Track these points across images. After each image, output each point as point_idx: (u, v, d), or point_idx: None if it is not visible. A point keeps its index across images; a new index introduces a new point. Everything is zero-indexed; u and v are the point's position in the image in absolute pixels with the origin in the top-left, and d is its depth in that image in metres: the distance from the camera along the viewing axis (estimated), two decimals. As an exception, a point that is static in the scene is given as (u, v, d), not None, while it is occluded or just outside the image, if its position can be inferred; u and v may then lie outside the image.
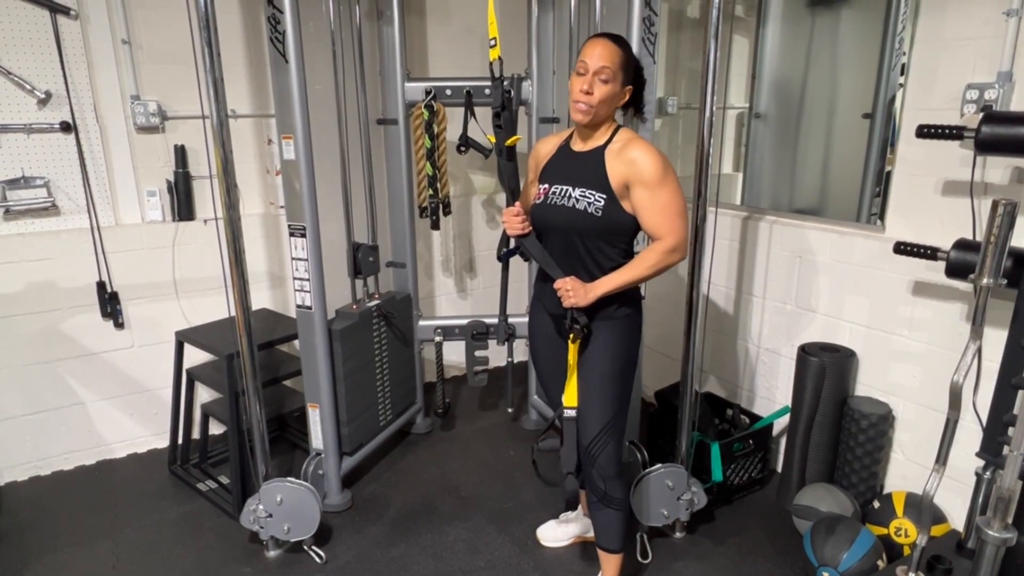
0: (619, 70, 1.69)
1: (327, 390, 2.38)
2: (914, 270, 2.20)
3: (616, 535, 1.93)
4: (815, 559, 2.05)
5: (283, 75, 2.09)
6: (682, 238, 1.70)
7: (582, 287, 1.70)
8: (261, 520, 2.17)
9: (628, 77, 1.72)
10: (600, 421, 1.81)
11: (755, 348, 2.79)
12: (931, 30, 2.10)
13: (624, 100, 1.75)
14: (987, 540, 1.63)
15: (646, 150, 1.68)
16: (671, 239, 1.68)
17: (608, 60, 1.67)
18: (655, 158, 1.67)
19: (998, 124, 1.73)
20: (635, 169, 1.66)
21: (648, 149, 1.69)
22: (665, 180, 1.67)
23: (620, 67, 1.69)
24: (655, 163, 1.66)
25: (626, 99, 1.75)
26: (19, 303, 2.58)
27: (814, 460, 2.42)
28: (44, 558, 2.27)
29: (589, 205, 1.71)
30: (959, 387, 1.68)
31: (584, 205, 1.71)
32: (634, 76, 1.75)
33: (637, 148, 1.69)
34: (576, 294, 1.69)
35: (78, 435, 2.80)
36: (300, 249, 2.24)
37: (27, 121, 2.50)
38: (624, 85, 1.72)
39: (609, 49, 1.68)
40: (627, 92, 1.74)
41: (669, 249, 1.69)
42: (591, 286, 1.71)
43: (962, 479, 2.11)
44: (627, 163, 1.68)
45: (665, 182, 1.67)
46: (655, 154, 1.68)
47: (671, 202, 1.68)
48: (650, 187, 1.66)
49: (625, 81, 1.72)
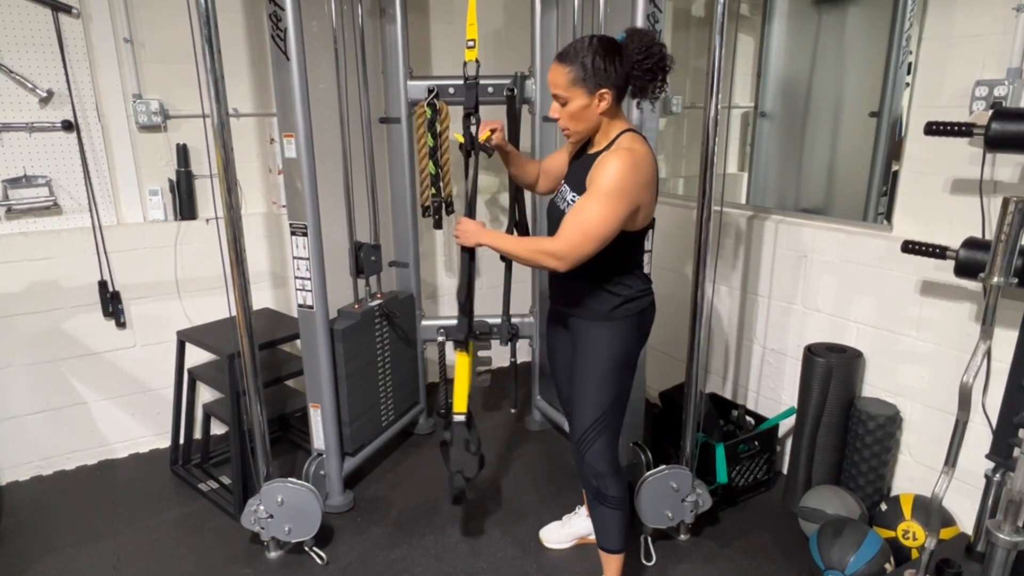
0: (571, 86, 1.63)
1: (329, 390, 2.37)
2: (922, 269, 2.18)
3: (613, 535, 1.90)
4: (822, 562, 2.02)
5: (284, 73, 2.08)
6: (569, 251, 1.61)
7: (474, 229, 1.82)
8: (262, 521, 2.16)
9: (592, 84, 1.61)
10: (587, 419, 1.80)
11: (760, 348, 2.76)
12: (939, 27, 2.08)
13: (604, 105, 1.64)
14: (997, 543, 1.61)
15: (610, 164, 1.59)
16: (560, 245, 1.63)
17: (555, 84, 1.65)
18: (610, 175, 1.58)
19: (1008, 121, 1.71)
20: (593, 174, 1.63)
21: (614, 164, 1.59)
22: (606, 196, 1.58)
23: (571, 83, 1.62)
24: (608, 177, 1.58)
25: (606, 102, 1.64)
26: (21, 302, 2.57)
27: (820, 462, 2.40)
28: (45, 558, 2.26)
29: (568, 205, 1.72)
30: (969, 388, 1.65)
31: (565, 204, 1.74)
32: (613, 73, 1.62)
33: (608, 158, 1.61)
34: (465, 234, 1.82)
35: (80, 435, 2.79)
36: (302, 248, 2.22)
37: (29, 120, 2.49)
38: (592, 93, 1.63)
39: (555, 73, 1.64)
40: (603, 95, 1.63)
41: (551, 251, 1.64)
42: (480, 232, 1.81)
43: (971, 481, 2.08)
44: (597, 166, 1.63)
45: (604, 198, 1.59)
46: (615, 171, 1.58)
47: (589, 219, 1.60)
48: (591, 194, 1.62)
49: (591, 89, 1.62)
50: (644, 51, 1.62)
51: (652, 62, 1.63)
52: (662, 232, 3.00)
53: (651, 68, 1.63)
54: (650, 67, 1.63)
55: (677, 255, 3.01)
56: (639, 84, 1.65)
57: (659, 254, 2.50)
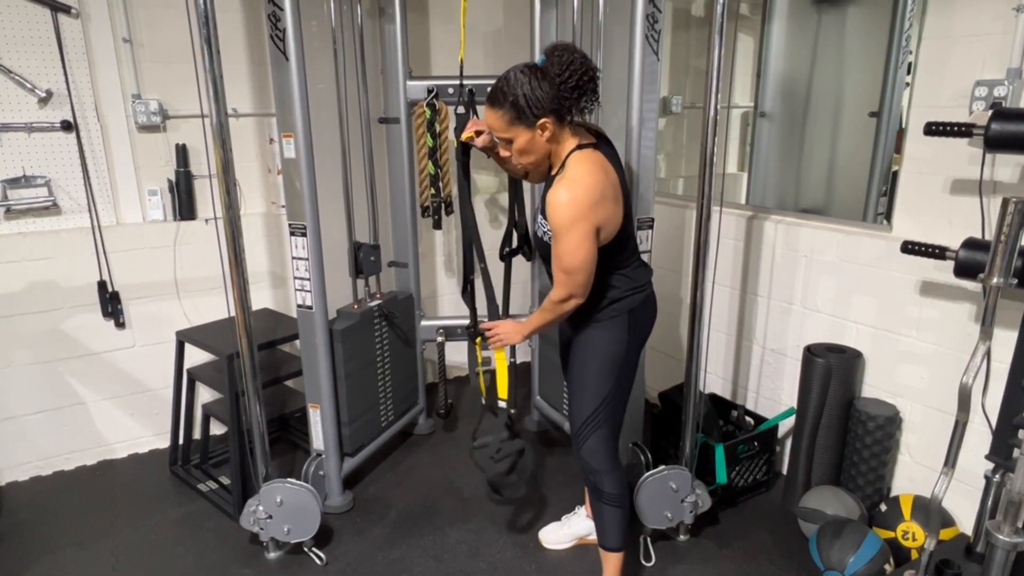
0: (510, 126, 1.61)
1: (328, 390, 2.36)
2: (922, 270, 2.17)
3: (611, 532, 1.91)
4: (821, 563, 2.02)
5: (283, 73, 2.07)
6: (571, 292, 1.66)
7: (514, 329, 1.86)
8: (261, 521, 2.16)
9: (530, 117, 1.58)
10: (581, 416, 1.83)
11: (760, 349, 2.76)
12: (939, 26, 2.07)
13: (548, 133, 1.61)
14: (997, 544, 1.60)
15: (557, 196, 1.59)
16: (560, 291, 1.68)
17: (494, 126, 1.64)
18: (560, 206, 1.58)
19: (1008, 121, 1.70)
20: (548, 212, 1.62)
21: (560, 194, 1.58)
22: (566, 231, 1.59)
23: (509, 124, 1.61)
24: (557, 212, 1.59)
25: (548, 131, 1.61)
26: (20, 302, 2.57)
27: (820, 462, 2.39)
28: (44, 559, 2.26)
29: (544, 234, 1.73)
30: (968, 389, 1.65)
31: (542, 232, 1.75)
32: (546, 99, 1.57)
33: (554, 190, 1.60)
34: (508, 336, 1.86)
35: (79, 435, 2.79)
36: (301, 248, 2.22)
37: (28, 120, 2.49)
38: (531, 127, 1.60)
39: (490, 117, 1.63)
40: (544, 125, 1.60)
41: (558, 299, 1.69)
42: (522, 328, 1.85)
43: (971, 482, 2.08)
44: (547, 202, 1.63)
45: (563, 234, 1.59)
46: (563, 202, 1.58)
47: (565, 255, 1.61)
48: (554, 235, 1.63)
49: (528, 124, 1.60)
50: (565, 69, 1.57)
51: (575, 79, 1.57)
52: (661, 232, 3.00)
53: (575, 85, 1.58)
54: (574, 84, 1.58)
55: (676, 255, 3.01)
56: (567, 104, 1.60)
57: (658, 254, 2.49)
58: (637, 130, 2.18)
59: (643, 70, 2.12)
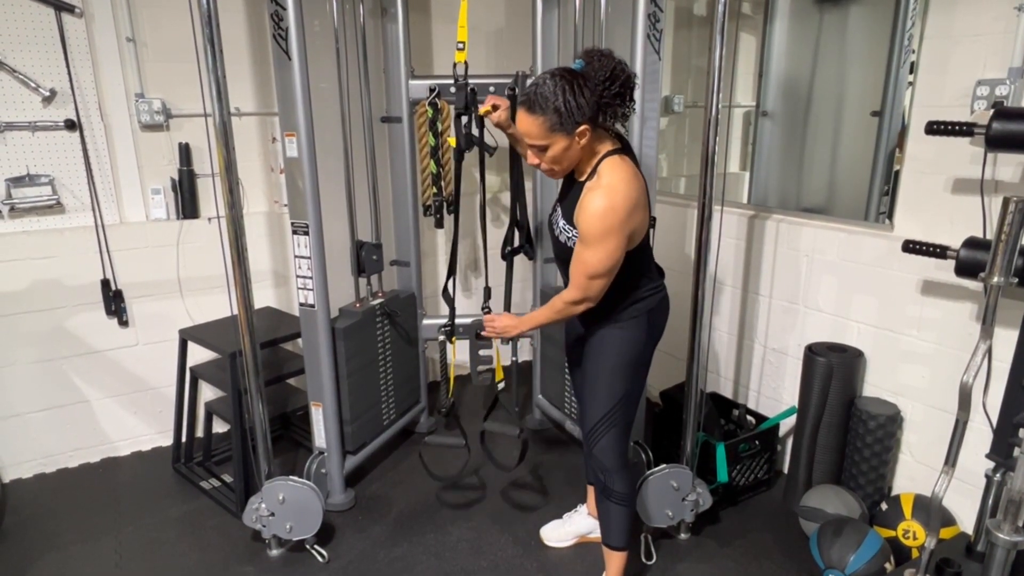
0: (548, 133, 1.60)
1: (330, 388, 2.37)
2: (923, 269, 2.18)
3: (617, 531, 1.92)
4: (822, 561, 2.02)
5: (286, 72, 2.08)
6: (587, 296, 1.68)
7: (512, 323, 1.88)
8: (263, 519, 2.17)
9: (569, 126, 1.58)
10: (597, 415, 1.83)
11: (761, 348, 2.76)
12: (941, 26, 2.08)
13: (584, 140, 1.62)
14: (997, 543, 1.61)
15: (594, 204, 1.59)
16: (576, 293, 1.69)
17: (530, 135, 1.62)
18: (597, 216, 1.58)
19: (1009, 120, 1.70)
20: (580, 217, 1.63)
21: (598, 202, 1.59)
22: (597, 241, 1.60)
23: (548, 131, 1.59)
24: (594, 221, 1.59)
25: (586, 138, 1.61)
26: (24, 301, 2.58)
27: (821, 461, 2.40)
28: (48, 555, 2.27)
29: (569, 239, 1.73)
30: (969, 388, 1.65)
31: (565, 238, 1.75)
32: (586, 106, 1.58)
33: (590, 197, 1.61)
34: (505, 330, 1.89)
35: (83, 433, 2.80)
36: (303, 247, 2.23)
37: (32, 119, 2.50)
38: (570, 133, 1.59)
39: (527, 123, 1.61)
40: (582, 132, 1.60)
41: (571, 300, 1.71)
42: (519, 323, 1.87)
43: (972, 481, 2.08)
44: (580, 208, 1.63)
45: (597, 242, 1.60)
46: (601, 211, 1.58)
47: (591, 263, 1.63)
48: (583, 240, 1.64)
49: (567, 131, 1.59)
50: (609, 75, 1.58)
51: (618, 85, 1.59)
52: (663, 231, 3.00)
53: (618, 92, 1.60)
54: (617, 91, 1.60)
55: (679, 254, 3.01)
56: (610, 110, 1.62)
57: (660, 253, 2.49)
58: (639, 129, 2.19)
59: (644, 69, 2.13)
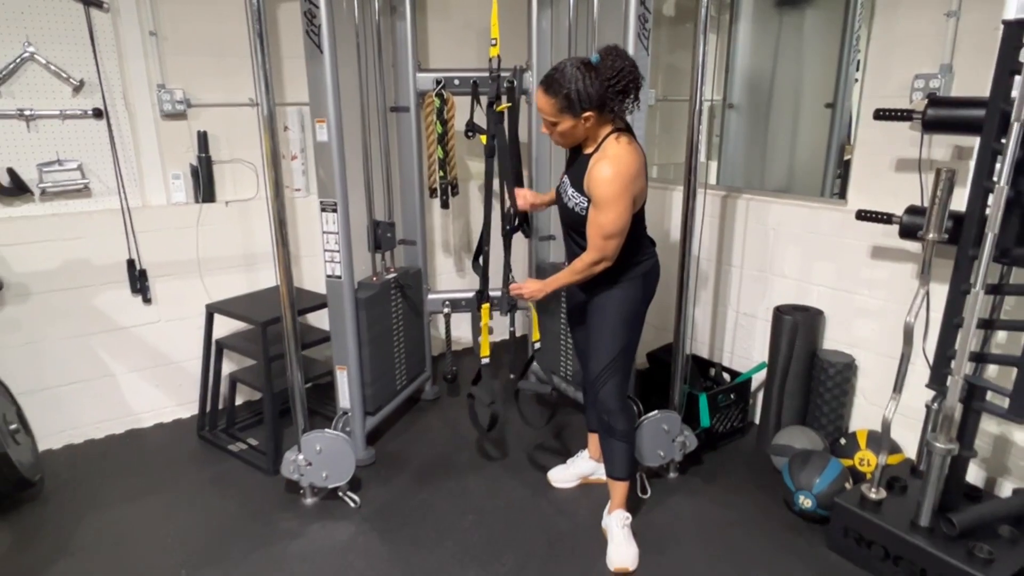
0: (558, 112, 1.85)
1: (354, 353, 2.60)
2: (872, 237, 2.54)
3: (620, 464, 2.21)
4: (792, 485, 2.36)
5: (318, 64, 2.30)
6: (604, 256, 1.93)
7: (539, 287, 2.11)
8: (301, 468, 2.39)
9: (575, 109, 1.83)
10: (601, 363, 2.11)
11: (734, 313, 3.11)
12: (885, 28, 2.43)
13: (588, 124, 1.87)
14: (935, 452, 1.97)
15: (602, 172, 1.83)
16: (594, 254, 1.94)
17: (543, 110, 1.89)
18: (606, 182, 1.83)
19: (941, 107, 2.06)
20: (590, 184, 1.90)
21: (605, 170, 1.83)
22: (608, 204, 1.84)
23: (558, 110, 1.85)
24: (603, 187, 1.83)
25: (590, 122, 1.86)
26: (55, 280, 2.73)
27: (788, 407, 2.75)
28: (97, 513, 2.44)
29: (576, 205, 1.99)
30: (911, 326, 2.01)
31: (573, 204, 2.00)
32: (595, 96, 1.81)
33: (598, 166, 1.85)
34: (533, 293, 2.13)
35: (108, 405, 2.96)
36: (331, 223, 2.46)
37: (62, 108, 2.66)
38: (576, 116, 1.85)
39: (542, 100, 1.87)
40: (587, 118, 1.85)
41: (592, 262, 1.96)
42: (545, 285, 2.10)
43: (914, 416, 2.45)
44: (589, 176, 1.89)
45: (607, 205, 1.85)
46: (609, 177, 1.82)
47: (605, 224, 1.88)
48: (595, 205, 1.89)
49: (575, 114, 1.84)
50: (616, 74, 1.81)
51: (623, 84, 1.83)
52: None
53: (622, 89, 1.84)
54: (621, 88, 1.83)
55: (655, 232, 3.32)
56: (611, 105, 1.85)
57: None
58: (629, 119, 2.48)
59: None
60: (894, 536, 2.03)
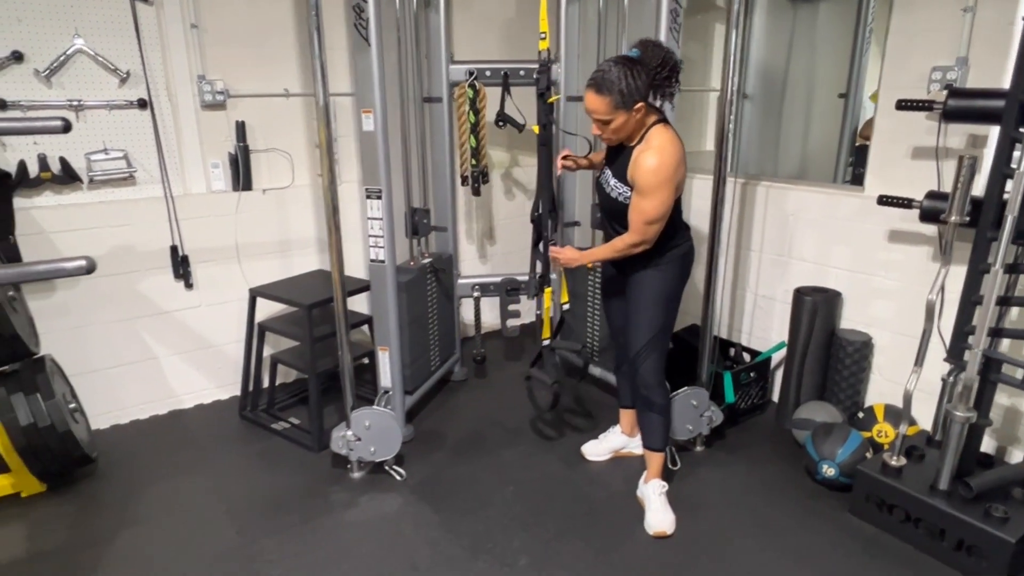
0: (611, 110, 1.96)
1: (395, 334, 2.72)
2: (890, 221, 2.67)
3: (658, 436, 2.35)
4: (816, 455, 2.51)
5: (365, 56, 2.40)
6: (645, 239, 2.06)
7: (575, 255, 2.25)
8: (351, 443, 2.51)
9: (628, 104, 1.95)
10: (641, 340, 2.24)
11: (753, 295, 3.24)
12: (904, 22, 2.55)
13: (640, 115, 1.99)
14: (953, 420, 2.11)
15: (648, 162, 1.96)
16: (635, 236, 2.07)
17: (597, 112, 1.98)
18: (652, 171, 1.95)
19: (961, 98, 2.19)
20: (635, 174, 2.03)
21: (651, 160, 1.95)
22: (653, 191, 1.97)
23: (611, 108, 1.95)
24: (649, 175, 1.96)
25: (641, 113, 1.98)
26: (102, 265, 2.82)
27: (807, 384, 2.89)
28: (151, 486, 2.56)
29: (620, 195, 2.12)
30: (932, 303, 2.15)
31: (616, 194, 2.13)
32: (643, 87, 1.95)
33: (644, 156, 1.98)
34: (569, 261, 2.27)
35: (152, 387, 3.07)
36: (376, 210, 2.56)
37: (108, 99, 2.74)
38: (629, 110, 1.96)
39: (594, 102, 1.97)
40: (638, 110, 1.97)
41: (631, 243, 2.09)
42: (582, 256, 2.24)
43: (930, 391, 2.59)
44: (634, 166, 2.03)
45: (651, 193, 1.98)
46: (654, 167, 1.95)
47: (648, 211, 2.00)
48: (639, 192, 2.02)
49: (627, 108, 1.96)
50: (660, 62, 1.98)
51: (667, 70, 2.00)
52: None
53: (667, 75, 2.01)
54: (667, 74, 2.00)
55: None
56: (660, 91, 2.03)
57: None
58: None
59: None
60: (915, 499, 2.18)
